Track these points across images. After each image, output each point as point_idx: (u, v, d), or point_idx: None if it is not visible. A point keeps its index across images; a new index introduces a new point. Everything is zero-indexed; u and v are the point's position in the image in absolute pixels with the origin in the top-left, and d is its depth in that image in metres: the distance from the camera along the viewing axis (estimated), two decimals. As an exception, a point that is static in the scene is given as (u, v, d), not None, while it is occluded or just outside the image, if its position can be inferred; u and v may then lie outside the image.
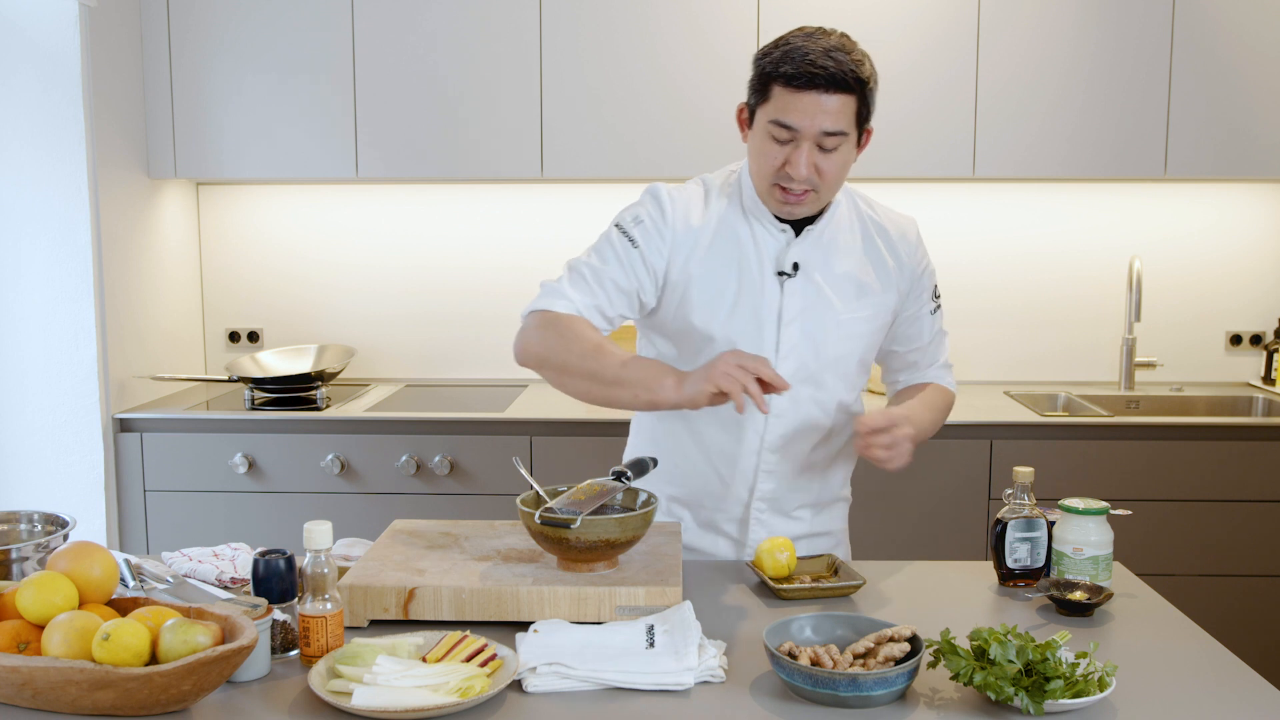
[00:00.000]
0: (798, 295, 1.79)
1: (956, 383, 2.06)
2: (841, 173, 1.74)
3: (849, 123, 1.69)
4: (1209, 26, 3.07)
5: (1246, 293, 3.47)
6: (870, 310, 1.84)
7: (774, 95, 1.68)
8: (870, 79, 1.70)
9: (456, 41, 3.12)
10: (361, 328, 3.56)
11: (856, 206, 1.88)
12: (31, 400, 2.97)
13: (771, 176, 1.72)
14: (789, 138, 1.68)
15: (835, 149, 1.69)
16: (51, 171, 2.90)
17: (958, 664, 1.28)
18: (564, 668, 1.34)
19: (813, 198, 1.74)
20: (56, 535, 1.63)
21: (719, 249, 1.80)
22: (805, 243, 1.80)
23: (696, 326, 1.79)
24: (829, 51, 1.65)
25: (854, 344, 1.84)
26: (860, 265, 1.83)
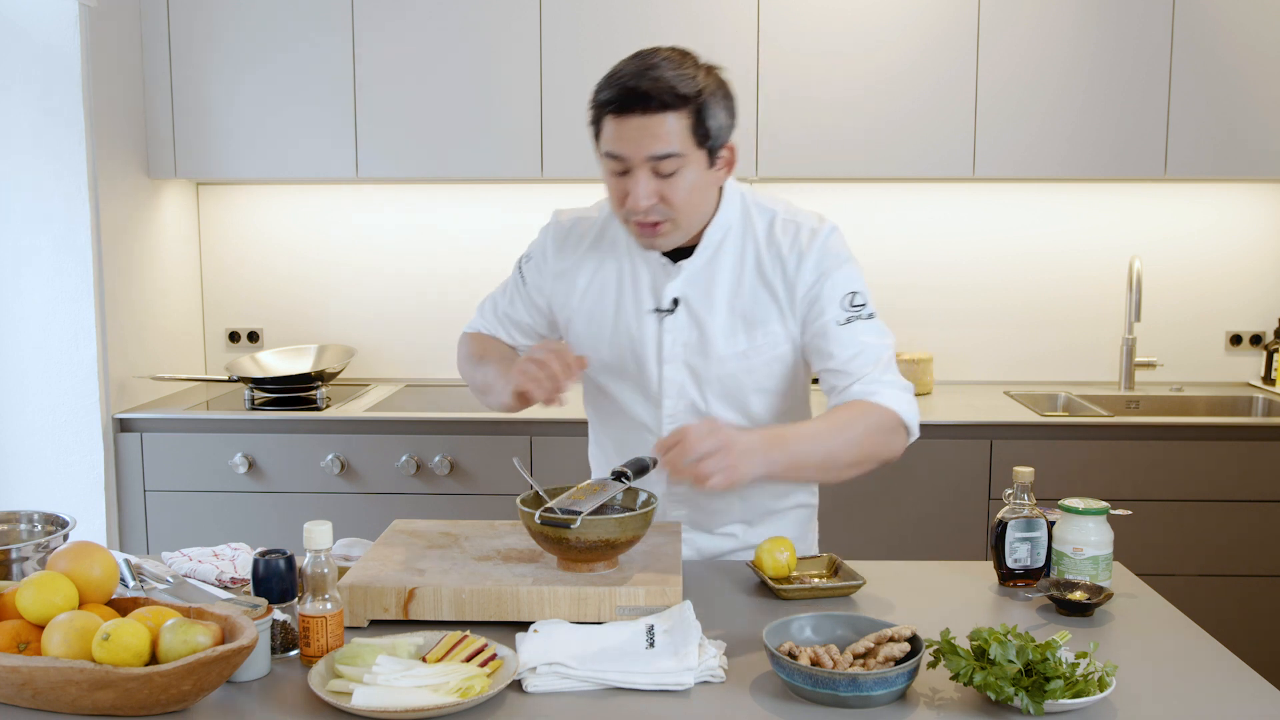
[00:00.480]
0: (678, 332, 1.74)
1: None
2: (693, 197, 1.63)
3: (683, 142, 1.58)
4: (1209, 26, 3.07)
5: (1246, 293, 3.47)
6: (761, 342, 1.73)
7: (604, 126, 1.61)
8: (704, 91, 1.58)
9: (456, 41, 3.12)
10: (361, 328, 3.56)
11: (752, 226, 1.74)
12: (31, 400, 2.97)
13: (621, 212, 1.65)
14: (622, 168, 1.60)
15: (674, 173, 1.59)
16: (52, 171, 2.90)
17: (958, 664, 1.28)
18: (564, 668, 1.34)
19: (670, 227, 1.64)
20: (56, 535, 1.63)
21: (598, 284, 1.79)
22: (683, 277, 1.73)
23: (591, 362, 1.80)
24: (646, 71, 1.56)
25: (743, 378, 1.75)
26: (749, 296, 1.72)
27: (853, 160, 3.14)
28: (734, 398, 1.78)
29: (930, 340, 3.49)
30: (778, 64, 3.11)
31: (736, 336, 1.73)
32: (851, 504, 2.94)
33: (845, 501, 2.93)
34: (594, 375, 1.85)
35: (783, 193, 3.44)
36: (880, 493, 2.94)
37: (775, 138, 3.12)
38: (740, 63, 3.11)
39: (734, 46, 3.10)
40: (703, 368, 1.76)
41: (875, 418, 1.65)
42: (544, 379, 1.60)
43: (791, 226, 1.74)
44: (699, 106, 1.58)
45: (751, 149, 3.13)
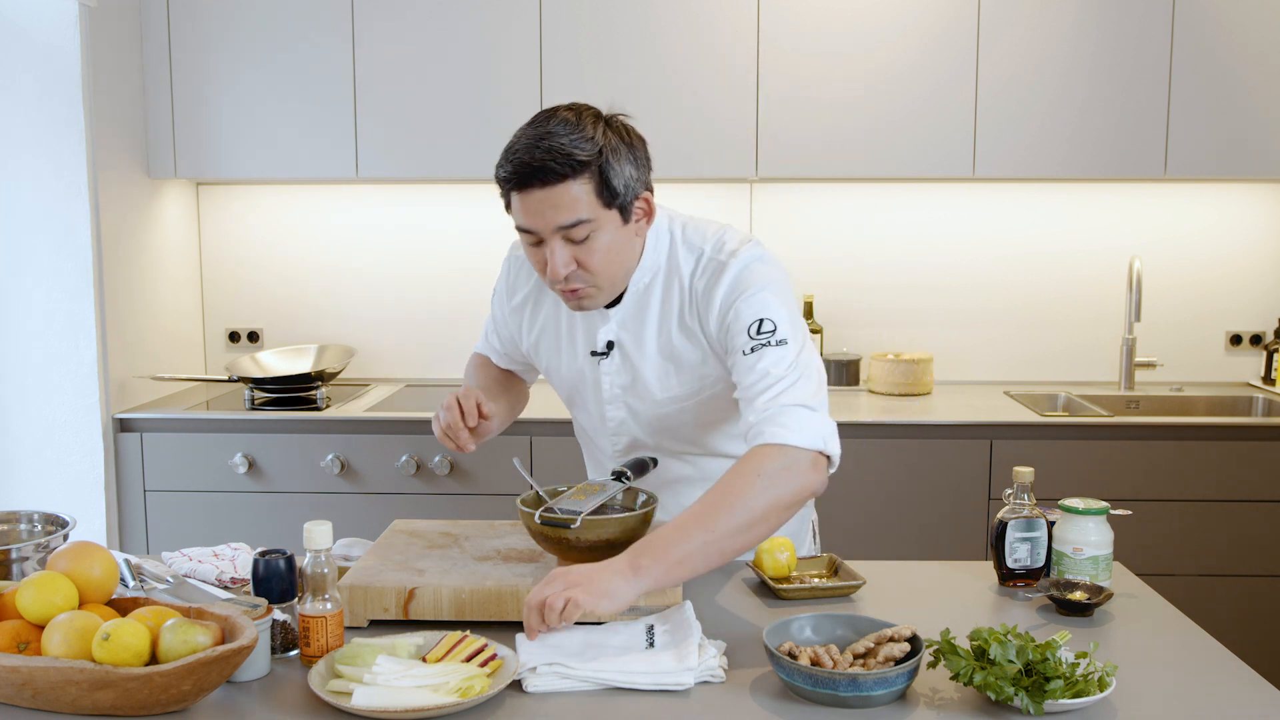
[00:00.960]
0: (614, 374, 1.75)
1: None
2: (611, 257, 1.59)
3: (589, 207, 1.54)
4: (1209, 26, 3.07)
5: (1246, 293, 3.47)
6: (691, 385, 1.71)
7: (512, 201, 1.58)
8: (604, 150, 1.53)
9: (457, 41, 3.12)
10: (361, 328, 3.56)
11: (677, 266, 1.69)
12: (31, 400, 2.97)
13: (545, 280, 1.62)
14: (536, 240, 1.58)
15: (587, 238, 1.56)
16: (51, 171, 2.90)
17: (958, 664, 1.28)
18: (564, 668, 1.34)
19: (593, 290, 1.62)
20: (56, 535, 1.63)
21: (543, 322, 1.83)
22: (614, 322, 1.72)
23: (556, 390, 1.89)
24: (539, 141, 1.52)
25: (682, 416, 1.74)
26: (673, 338, 1.69)
27: (853, 160, 3.14)
28: (677, 433, 1.79)
29: (930, 340, 3.49)
30: (778, 64, 3.11)
31: (669, 380, 1.72)
32: (851, 504, 2.94)
33: (845, 501, 2.93)
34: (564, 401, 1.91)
35: (783, 193, 3.48)
36: (880, 493, 2.95)
37: (775, 138, 3.12)
38: (740, 63, 3.11)
39: (734, 46, 3.10)
40: (640, 409, 1.77)
41: (769, 466, 1.50)
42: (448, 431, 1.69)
43: (712, 265, 1.66)
44: (600, 167, 1.54)
45: (751, 149, 3.13)
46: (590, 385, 1.80)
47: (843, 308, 3.50)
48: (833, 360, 3.41)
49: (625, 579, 1.42)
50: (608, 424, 1.81)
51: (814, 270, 3.48)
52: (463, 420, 1.68)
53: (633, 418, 1.79)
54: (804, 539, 1.98)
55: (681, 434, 1.79)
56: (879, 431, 2.94)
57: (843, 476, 2.94)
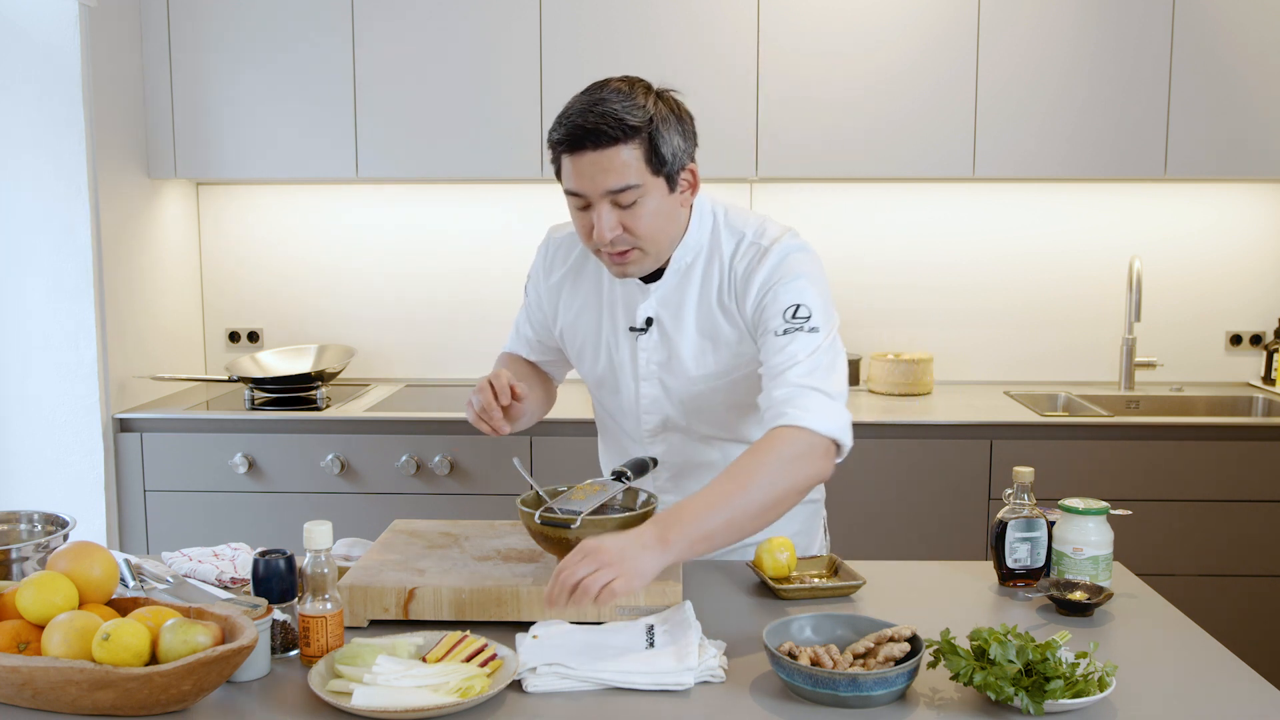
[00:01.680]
0: (651, 351, 1.77)
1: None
2: (659, 223, 1.64)
3: (638, 173, 1.59)
4: (1209, 26, 3.07)
5: (1246, 293, 3.47)
6: (727, 363, 1.74)
7: (561, 165, 1.63)
8: (654, 118, 1.59)
9: (457, 41, 3.12)
10: (361, 328, 3.56)
11: (719, 248, 1.74)
12: (31, 400, 2.97)
13: (590, 245, 1.67)
14: (584, 204, 1.62)
15: (634, 203, 1.60)
16: (52, 171, 2.90)
17: (958, 664, 1.28)
18: (564, 668, 1.34)
19: (639, 255, 1.65)
20: (56, 535, 1.63)
21: (582, 301, 1.84)
22: (654, 298, 1.75)
23: (585, 373, 1.89)
24: (592, 106, 1.58)
25: (715, 396, 1.77)
26: (712, 317, 1.73)
27: (853, 160, 3.14)
28: (709, 414, 1.80)
29: (930, 340, 3.49)
30: (778, 64, 3.11)
31: (705, 357, 1.75)
32: (852, 504, 2.94)
33: (845, 501, 2.93)
34: (587, 383, 1.91)
35: (783, 193, 3.47)
36: (880, 493, 2.95)
37: (775, 138, 3.12)
38: (740, 63, 3.11)
39: (734, 46, 3.10)
40: (675, 386, 1.78)
41: (790, 449, 1.54)
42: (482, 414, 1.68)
43: (753, 249, 1.71)
44: (650, 134, 1.59)
45: (751, 149, 3.13)
46: (626, 362, 1.80)
47: (843, 308, 3.45)
48: (833, 360, 3.40)
49: (655, 555, 1.42)
50: (641, 401, 1.81)
51: (814, 270, 3.47)
52: (495, 400, 1.66)
53: (666, 395, 1.79)
54: (815, 536, 1.98)
55: (713, 415, 1.80)
56: (879, 431, 2.94)
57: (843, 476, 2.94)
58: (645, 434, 1.85)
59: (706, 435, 1.83)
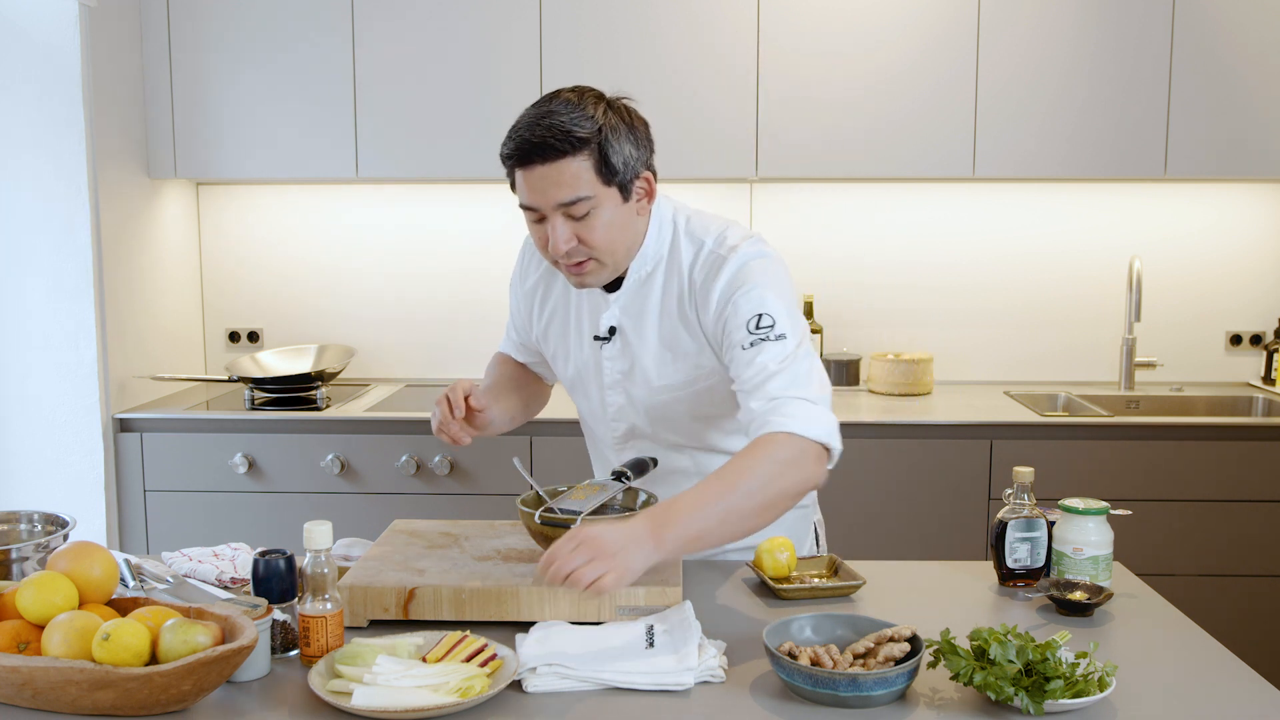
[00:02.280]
0: (615, 359, 1.78)
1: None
2: (613, 234, 1.62)
3: (589, 184, 1.57)
4: (1209, 26, 3.07)
5: (1246, 293, 3.47)
6: (686, 374, 1.73)
7: (514, 178, 1.63)
8: (604, 129, 1.57)
9: (457, 42, 3.12)
10: (361, 328, 3.56)
11: (679, 257, 1.71)
12: (31, 400, 2.97)
13: (547, 257, 1.67)
14: (538, 217, 1.62)
15: (587, 214, 1.59)
16: (51, 171, 2.90)
17: (958, 664, 1.28)
18: (564, 668, 1.34)
19: (596, 266, 1.65)
20: (56, 535, 1.63)
21: (554, 307, 1.86)
22: (616, 307, 1.75)
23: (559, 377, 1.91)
24: (540, 119, 1.56)
25: (678, 406, 1.76)
26: (671, 327, 1.72)
27: (853, 160, 3.14)
28: (674, 423, 1.80)
29: (930, 340, 3.49)
30: (778, 64, 3.11)
31: (665, 368, 1.74)
32: (851, 504, 2.94)
33: (845, 501, 2.93)
34: (566, 390, 1.92)
35: (783, 193, 3.47)
36: (880, 493, 2.94)
37: (775, 138, 3.12)
38: (740, 63, 3.11)
39: (734, 46, 3.10)
40: (638, 395, 1.79)
41: (780, 454, 1.52)
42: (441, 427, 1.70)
43: (712, 258, 1.68)
44: (600, 144, 1.57)
45: (751, 149, 3.13)
46: (592, 371, 1.81)
47: (843, 308, 3.50)
48: (833, 360, 3.41)
49: (647, 552, 1.42)
50: (608, 410, 1.83)
51: (814, 270, 3.48)
52: (450, 414, 1.68)
53: (630, 404, 1.80)
54: (805, 539, 1.97)
55: (677, 425, 1.80)
56: (879, 431, 2.94)
57: (843, 476, 2.94)
58: (614, 440, 1.86)
59: (674, 443, 1.82)
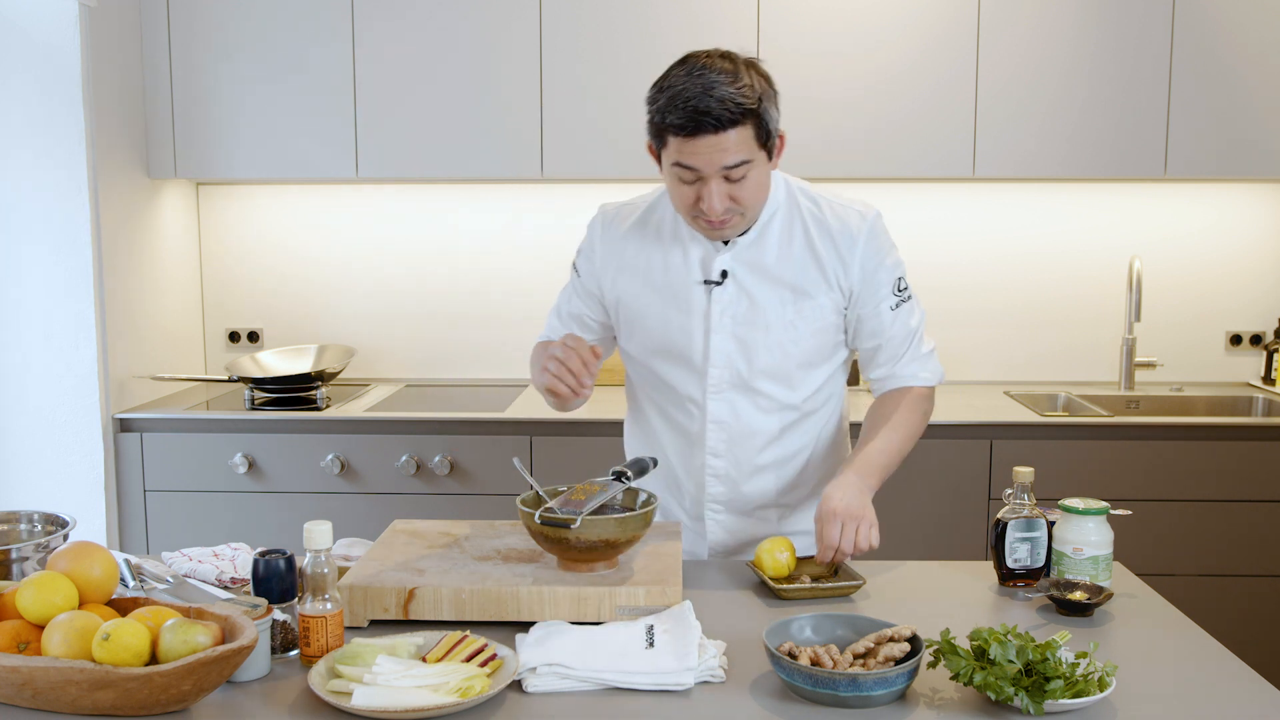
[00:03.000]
0: (726, 303, 1.81)
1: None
2: (760, 192, 1.73)
3: (751, 149, 1.67)
4: (1209, 26, 3.07)
5: (1246, 293, 3.47)
6: (809, 314, 1.81)
7: (669, 142, 1.68)
8: (763, 97, 1.67)
9: (456, 41, 3.12)
10: (361, 328, 3.56)
11: (798, 205, 1.84)
12: (31, 400, 2.97)
13: (689, 211, 1.73)
14: (694, 178, 1.68)
15: (744, 176, 1.68)
16: (51, 171, 2.90)
17: (958, 664, 1.28)
18: (564, 668, 1.34)
19: (737, 221, 1.74)
20: (56, 535, 1.63)
21: (645, 260, 1.86)
22: (733, 250, 1.80)
23: (638, 341, 1.88)
24: (709, 90, 1.62)
25: (790, 349, 1.82)
26: (797, 268, 1.81)
27: (853, 160, 3.14)
28: (778, 371, 1.83)
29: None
30: (778, 64, 3.06)
31: (785, 307, 1.81)
32: (851, 504, 2.93)
33: (845, 501, 2.93)
34: (638, 352, 1.90)
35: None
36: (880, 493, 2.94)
37: (775, 138, 3.12)
38: (740, 63, 3.10)
39: (734, 46, 3.08)
40: (750, 338, 1.81)
41: (921, 405, 1.88)
42: (566, 374, 1.67)
43: (842, 209, 1.84)
44: (759, 113, 1.66)
45: (751, 149, 3.13)
46: (697, 316, 1.82)
47: (843, 308, 3.50)
48: (833, 360, 3.41)
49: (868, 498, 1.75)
50: (711, 355, 1.82)
51: (814, 270, 3.47)
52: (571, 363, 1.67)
53: (739, 348, 1.81)
54: None
55: (782, 371, 1.83)
56: (879, 431, 2.93)
57: (843, 476, 2.94)
58: (709, 390, 1.84)
59: (765, 402, 1.84)
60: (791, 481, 1.92)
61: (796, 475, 1.91)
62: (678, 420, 1.90)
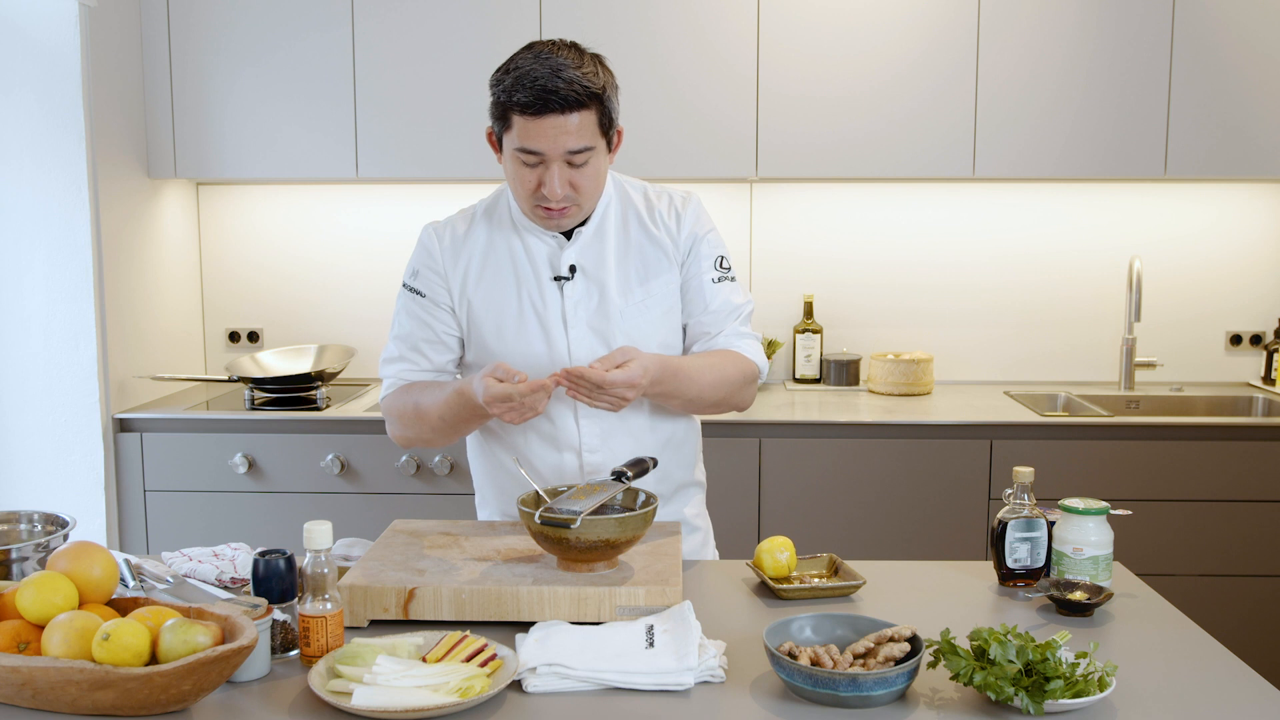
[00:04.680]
0: (579, 296, 1.83)
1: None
2: (597, 182, 1.77)
3: (593, 135, 1.71)
4: (1209, 26, 3.07)
5: (1246, 293, 3.47)
6: (658, 293, 1.85)
7: (514, 124, 1.70)
8: (606, 86, 1.71)
9: (456, 41, 3.12)
10: (361, 328, 3.56)
11: (627, 195, 1.89)
12: (31, 400, 2.97)
13: (530, 198, 1.76)
14: (537, 161, 1.71)
15: (585, 163, 1.72)
16: (51, 171, 2.90)
17: (958, 664, 1.28)
18: (564, 668, 1.34)
19: (574, 210, 1.77)
20: (56, 535, 1.63)
21: (493, 269, 1.86)
22: (578, 244, 1.83)
23: (491, 348, 1.85)
24: (557, 72, 1.66)
25: (646, 330, 1.84)
26: (639, 251, 1.85)
27: (853, 160, 3.14)
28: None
29: (930, 340, 3.49)
30: (778, 64, 3.11)
31: (633, 290, 1.85)
32: (852, 504, 2.94)
33: (845, 501, 2.93)
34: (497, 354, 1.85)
35: (783, 193, 3.47)
36: (880, 493, 2.95)
37: (775, 138, 3.12)
38: (740, 63, 3.11)
39: (734, 46, 3.10)
40: (605, 327, 1.82)
41: (741, 366, 1.85)
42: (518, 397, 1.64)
43: (664, 194, 1.90)
44: (603, 99, 1.71)
45: (751, 149, 3.13)
46: (553, 312, 1.83)
47: (843, 308, 3.50)
48: (833, 360, 3.41)
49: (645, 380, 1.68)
50: (573, 349, 1.82)
51: (814, 270, 3.48)
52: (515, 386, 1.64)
53: (598, 339, 1.82)
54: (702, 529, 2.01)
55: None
56: (879, 431, 2.94)
57: (843, 476, 2.94)
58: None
59: None
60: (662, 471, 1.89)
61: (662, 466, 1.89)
62: (540, 426, 1.85)
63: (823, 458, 2.94)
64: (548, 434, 1.86)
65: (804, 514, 2.94)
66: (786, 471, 2.94)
